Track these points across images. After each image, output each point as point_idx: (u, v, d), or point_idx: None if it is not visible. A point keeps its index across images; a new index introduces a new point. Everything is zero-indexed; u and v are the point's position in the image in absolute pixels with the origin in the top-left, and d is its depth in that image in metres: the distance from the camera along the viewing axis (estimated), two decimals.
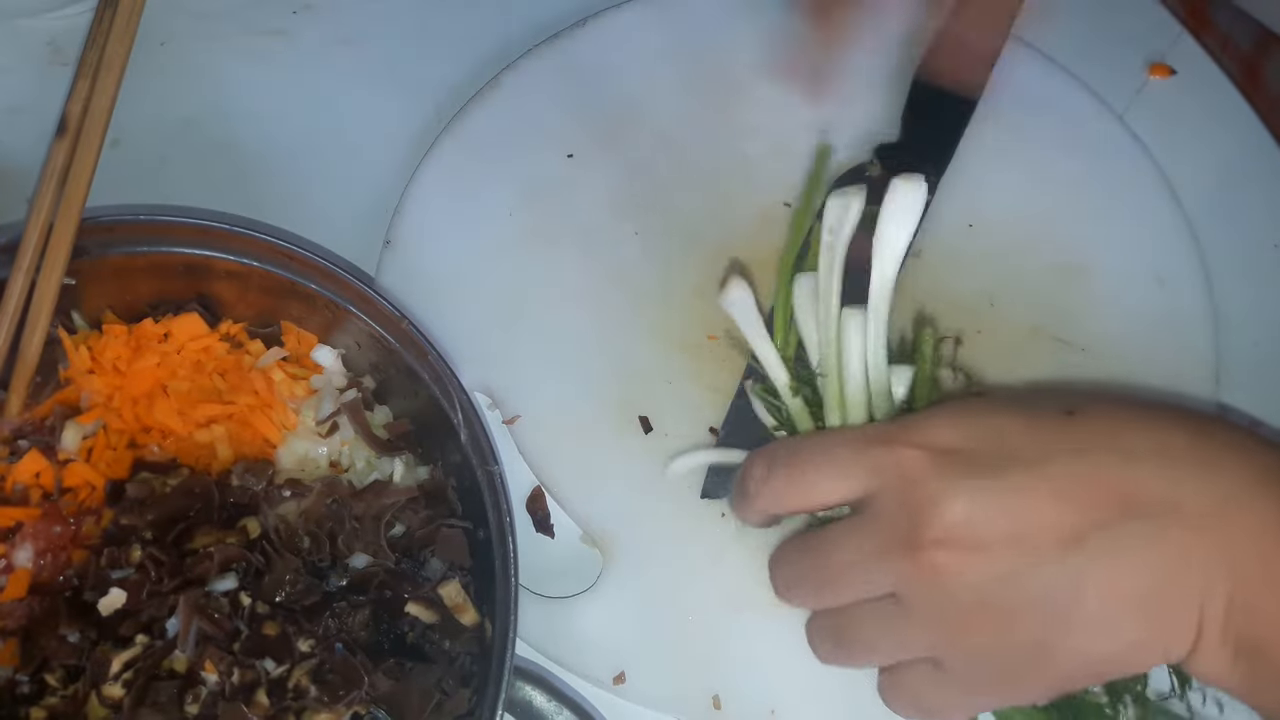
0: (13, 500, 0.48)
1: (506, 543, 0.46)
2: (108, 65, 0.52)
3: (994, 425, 0.44)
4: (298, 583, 0.46)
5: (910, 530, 0.42)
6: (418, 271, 0.57)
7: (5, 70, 0.61)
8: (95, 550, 0.46)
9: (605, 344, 0.57)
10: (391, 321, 0.50)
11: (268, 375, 0.51)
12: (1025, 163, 0.62)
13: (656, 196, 0.60)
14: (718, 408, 0.56)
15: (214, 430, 0.50)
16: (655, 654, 0.51)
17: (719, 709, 0.50)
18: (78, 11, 0.61)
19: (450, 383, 0.49)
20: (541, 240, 0.59)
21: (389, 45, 0.64)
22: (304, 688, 0.44)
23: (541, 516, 0.54)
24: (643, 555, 0.53)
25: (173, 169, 0.60)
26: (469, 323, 0.56)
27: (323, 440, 0.51)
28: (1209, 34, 0.70)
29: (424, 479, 0.51)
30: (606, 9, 0.64)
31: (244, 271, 0.51)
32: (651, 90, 0.62)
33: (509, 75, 0.62)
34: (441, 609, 0.47)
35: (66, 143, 0.51)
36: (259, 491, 0.48)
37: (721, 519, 0.54)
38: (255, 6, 0.65)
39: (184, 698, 0.43)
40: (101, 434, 0.50)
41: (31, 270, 0.49)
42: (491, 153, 0.60)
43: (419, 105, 0.63)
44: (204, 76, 0.63)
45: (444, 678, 0.46)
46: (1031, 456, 0.42)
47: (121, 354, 0.50)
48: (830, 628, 0.46)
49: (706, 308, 0.58)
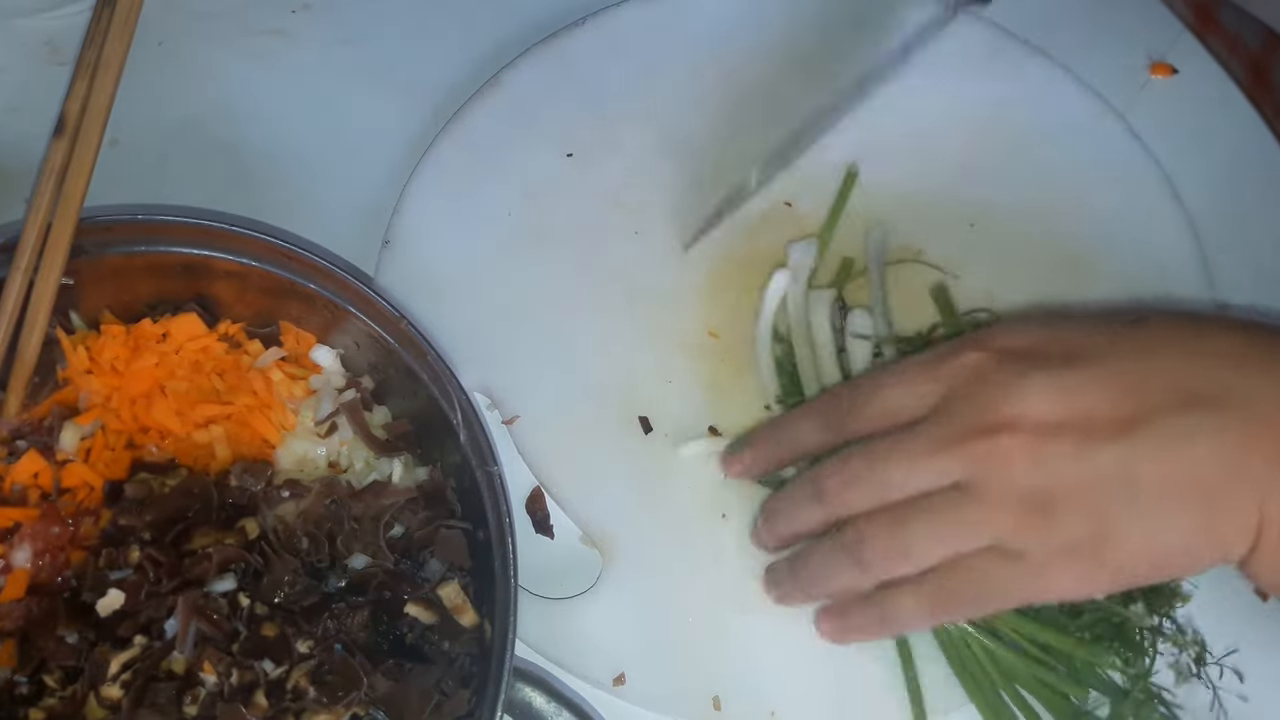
0: (11, 501, 0.48)
1: (506, 543, 0.46)
2: (106, 65, 0.52)
3: (1059, 329, 0.46)
4: (296, 583, 0.46)
5: (979, 418, 0.44)
6: (417, 271, 0.57)
7: (3, 70, 0.61)
8: (94, 551, 0.46)
9: (605, 344, 0.57)
10: (390, 321, 0.50)
11: (266, 375, 0.51)
12: (1026, 162, 0.62)
13: (656, 196, 0.60)
14: (718, 407, 0.56)
15: (212, 430, 0.50)
16: (655, 654, 0.51)
17: (719, 709, 0.50)
18: (76, 11, 0.61)
19: (450, 383, 0.49)
20: (541, 240, 0.59)
21: (388, 45, 0.64)
22: (303, 689, 0.44)
23: (541, 517, 0.54)
24: (643, 555, 0.53)
25: (171, 168, 0.60)
26: (469, 323, 0.56)
27: (321, 440, 0.51)
28: (1216, 34, 0.70)
29: (423, 479, 0.51)
30: (606, 9, 0.64)
31: (242, 271, 0.50)
32: (651, 90, 0.62)
33: (508, 75, 0.62)
34: (441, 610, 0.47)
35: (64, 142, 0.51)
36: (258, 492, 0.48)
37: (722, 519, 0.54)
38: (254, 6, 0.65)
39: (182, 699, 0.43)
40: (100, 434, 0.49)
41: (29, 270, 0.49)
42: (491, 152, 0.60)
43: (418, 105, 0.63)
44: (203, 76, 0.63)
45: (443, 679, 0.46)
46: (1097, 354, 0.44)
47: (120, 354, 0.50)
48: (889, 523, 0.46)
49: (706, 307, 0.58)
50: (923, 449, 0.45)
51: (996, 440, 0.43)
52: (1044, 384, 0.43)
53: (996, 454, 0.43)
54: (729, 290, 0.58)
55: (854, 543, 0.46)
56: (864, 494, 0.46)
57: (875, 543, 0.46)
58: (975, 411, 0.44)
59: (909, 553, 0.45)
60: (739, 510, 0.54)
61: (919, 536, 0.45)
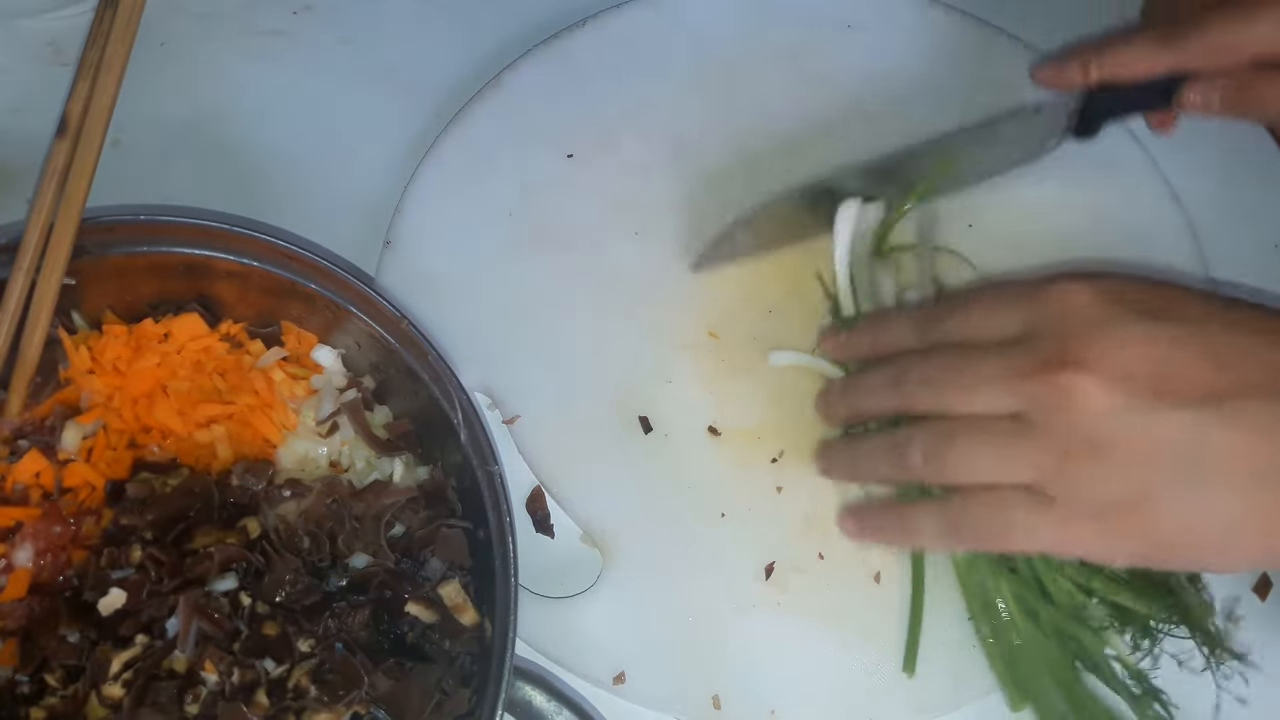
0: (13, 500, 0.48)
1: (506, 543, 0.46)
2: (108, 65, 0.52)
3: (1162, 287, 0.45)
4: (298, 583, 0.46)
5: (1060, 350, 0.43)
6: (418, 271, 0.57)
7: (6, 70, 0.61)
8: (95, 550, 0.46)
9: (605, 344, 0.57)
10: (391, 321, 0.50)
11: (268, 375, 0.51)
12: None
13: (656, 196, 0.60)
14: (718, 407, 0.56)
15: (214, 430, 0.50)
16: (655, 654, 0.51)
17: (719, 709, 0.50)
18: (78, 12, 0.61)
19: (450, 383, 0.49)
20: (541, 240, 0.59)
21: (390, 46, 0.65)
22: (304, 688, 0.44)
23: (541, 516, 0.54)
24: (643, 555, 0.53)
25: (173, 169, 0.60)
26: (469, 323, 0.56)
27: (323, 440, 0.51)
28: None
29: (424, 479, 0.51)
30: (606, 9, 0.64)
31: (244, 271, 0.51)
32: (651, 90, 0.63)
33: (509, 75, 0.62)
34: (441, 609, 0.47)
35: (67, 143, 0.51)
36: (259, 491, 0.49)
37: (722, 519, 0.54)
38: (255, 7, 0.65)
39: (184, 698, 0.43)
40: (101, 434, 0.50)
41: (32, 270, 0.49)
42: (491, 153, 0.60)
43: (419, 105, 0.63)
44: (205, 77, 0.63)
45: (444, 678, 0.46)
46: (1193, 316, 0.44)
47: (122, 354, 0.50)
48: (938, 433, 0.46)
49: (706, 306, 0.58)
50: (991, 373, 0.45)
51: (1068, 378, 0.42)
52: (1131, 330, 0.43)
53: (1062, 391, 0.42)
54: (729, 290, 0.58)
55: (903, 441, 0.47)
56: (931, 397, 0.47)
57: (921, 448, 0.46)
58: (1053, 344, 0.43)
59: (947, 467, 0.46)
60: (739, 510, 0.54)
61: (961, 454, 0.45)
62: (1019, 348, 0.45)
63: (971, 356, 0.46)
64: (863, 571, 0.53)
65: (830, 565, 0.53)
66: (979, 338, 0.47)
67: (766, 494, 0.54)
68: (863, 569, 0.53)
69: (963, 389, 0.45)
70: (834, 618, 0.52)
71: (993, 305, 0.47)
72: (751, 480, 0.55)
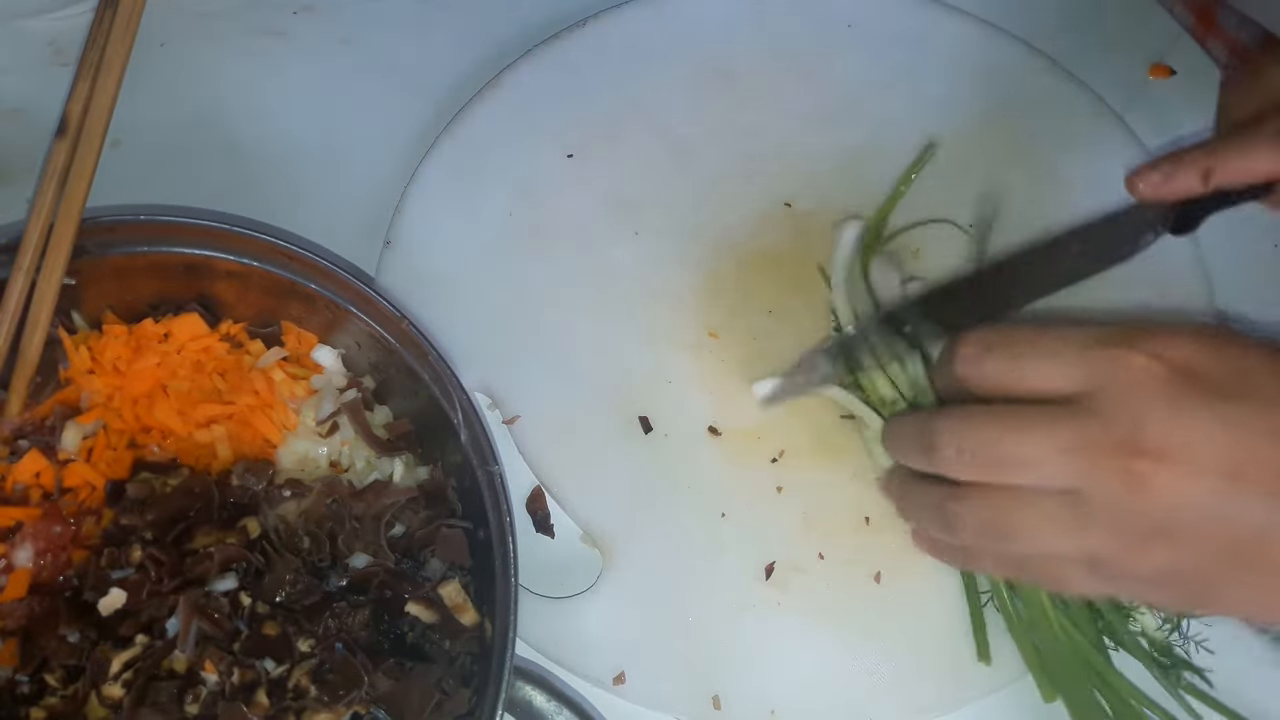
0: (13, 500, 0.48)
1: (506, 543, 0.46)
2: (108, 66, 0.52)
3: (1238, 355, 0.42)
4: (298, 583, 0.46)
5: (1127, 435, 0.41)
6: (418, 271, 0.57)
7: (6, 70, 0.61)
8: (95, 550, 0.46)
9: (605, 344, 0.57)
10: (391, 321, 0.50)
11: (268, 375, 0.51)
12: (1025, 163, 0.62)
13: (656, 196, 0.60)
14: (718, 407, 0.56)
15: (214, 430, 0.50)
16: (655, 654, 0.51)
17: (719, 709, 0.50)
18: (78, 12, 0.61)
19: (450, 383, 0.49)
20: (541, 240, 0.59)
21: (390, 47, 0.65)
22: (304, 688, 0.44)
23: (541, 516, 0.54)
24: (643, 555, 0.53)
25: (173, 169, 0.60)
26: (469, 323, 0.56)
27: (323, 440, 0.51)
28: (1217, 36, 0.70)
29: (424, 479, 0.51)
30: (606, 9, 0.64)
31: (244, 271, 0.51)
32: (651, 90, 0.62)
33: (509, 75, 0.62)
34: (441, 609, 0.47)
35: (67, 143, 0.51)
36: (259, 491, 0.49)
37: (722, 519, 0.54)
38: (255, 7, 0.65)
39: (184, 698, 0.43)
40: (101, 434, 0.50)
41: (32, 270, 0.49)
42: (491, 153, 0.60)
43: (419, 105, 0.63)
44: (204, 77, 0.63)
45: (444, 678, 0.46)
46: (1271, 395, 0.41)
47: (122, 354, 0.50)
48: (991, 512, 0.44)
49: (706, 307, 0.58)
50: (1054, 446, 0.42)
51: (1141, 465, 0.40)
52: (1206, 419, 0.40)
53: (1136, 479, 0.40)
54: (729, 290, 0.58)
55: (953, 515, 0.45)
56: (976, 468, 0.44)
57: (973, 523, 0.44)
58: (1125, 424, 0.41)
59: (1002, 541, 0.44)
60: (739, 510, 0.54)
61: (1018, 532, 0.43)
62: (1080, 421, 0.42)
63: (1029, 423, 0.43)
64: (863, 571, 0.53)
65: (830, 565, 0.53)
66: (1026, 389, 0.44)
67: (766, 494, 0.54)
68: (863, 569, 0.53)
69: (1019, 463, 0.43)
70: (834, 618, 0.53)
71: (1049, 358, 0.44)
72: (751, 480, 0.55)
